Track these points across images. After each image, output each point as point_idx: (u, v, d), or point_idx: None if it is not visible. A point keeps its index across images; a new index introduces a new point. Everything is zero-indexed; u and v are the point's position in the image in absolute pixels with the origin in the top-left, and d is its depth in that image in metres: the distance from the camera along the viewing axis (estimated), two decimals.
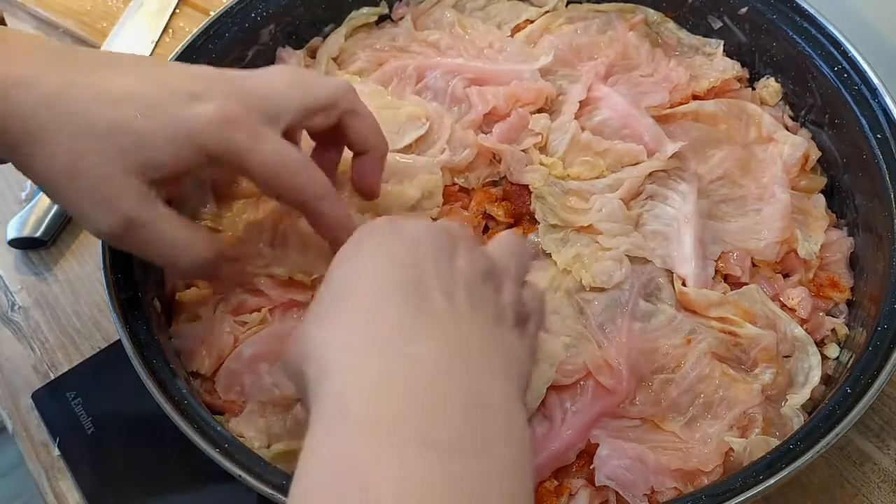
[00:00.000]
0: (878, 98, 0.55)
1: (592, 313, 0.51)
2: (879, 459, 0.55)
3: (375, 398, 0.31)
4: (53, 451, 0.58)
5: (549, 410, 0.48)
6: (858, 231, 0.57)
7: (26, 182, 0.73)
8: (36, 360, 0.63)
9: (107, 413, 0.59)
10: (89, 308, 0.65)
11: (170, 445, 0.55)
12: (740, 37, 0.65)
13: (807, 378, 0.51)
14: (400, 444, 0.29)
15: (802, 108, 0.62)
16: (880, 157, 0.54)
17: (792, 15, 0.61)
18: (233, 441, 0.46)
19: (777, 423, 0.49)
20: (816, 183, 0.60)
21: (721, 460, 0.46)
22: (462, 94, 0.61)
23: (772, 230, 0.55)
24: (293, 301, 0.52)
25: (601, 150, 0.58)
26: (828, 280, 0.56)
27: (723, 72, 0.64)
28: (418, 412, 0.30)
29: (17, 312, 0.66)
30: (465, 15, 0.68)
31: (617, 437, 0.47)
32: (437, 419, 0.30)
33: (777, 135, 0.60)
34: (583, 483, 0.47)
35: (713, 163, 0.59)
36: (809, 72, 0.60)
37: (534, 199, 0.56)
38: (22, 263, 0.68)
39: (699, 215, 0.55)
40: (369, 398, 0.31)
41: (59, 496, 0.57)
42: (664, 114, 0.60)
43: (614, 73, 0.63)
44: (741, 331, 0.51)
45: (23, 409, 0.61)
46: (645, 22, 0.67)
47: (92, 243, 0.69)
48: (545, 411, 0.48)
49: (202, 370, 0.51)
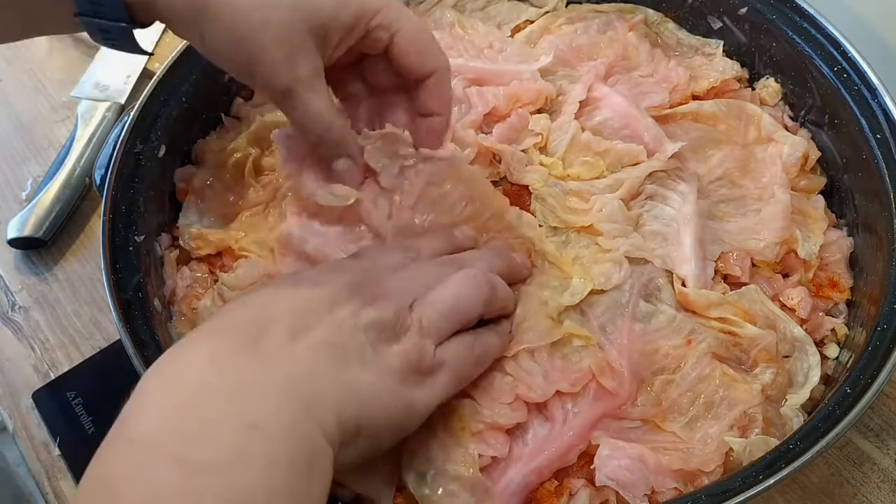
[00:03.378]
0: (877, 98, 0.55)
1: (593, 315, 0.51)
2: (879, 459, 0.55)
3: (149, 419, 0.33)
4: (53, 450, 0.58)
5: (551, 411, 0.48)
6: (858, 231, 0.57)
7: (27, 182, 0.73)
8: (36, 360, 0.63)
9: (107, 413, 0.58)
10: (89, 308, 0.65)
11: None
12: (740, 37, 0.65)
13: (806, 378, 0.51)
14: (154, 460, 0.31)
15: (802, 108, 0.62)
16: (880, 157, 0.54)
17: (792, 15, 0.61)
18: None
19: (777, 422, 0.49)
20: (816, 183, 0.60)
21: (721, 460, 0.46)
22: (462, 94, 0.61)
23: (771, 230, 0.55)
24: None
25: (601, 151, 0.58)
26: (827, 280, 0.56)
27: (722, 72, 0.64)
28: (182, 431, 0.32)
29: (17, 312, 0.66)
30: (465, 15, 0.68)
31: (617, 438, 0.47)
32: (198, 439, 0.32)
33: (777, 135, 0.60)
34: (583, 483, 0.47)
35: (713, 163, 0.59)
36: (809, 72, 0.60)
37: (534, 200, 0.56)
38: (22, 263, 0.68)
39: (699, 215, 0.55)
40: (145, 419, 0.33)
41: (59, 496, 0.57)
42: (664, 114, 0.60)
43: (614, 74, 0.63)
44: (741, 331, 0.51)
45: (23, 408, 0.61)
46: (645, 22, 0.67)
47: (92, 243, 0.69)
48: (546, 412, 0.48)
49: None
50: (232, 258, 0.56)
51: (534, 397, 0.47)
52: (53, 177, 0.70)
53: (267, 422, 0.34)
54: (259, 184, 0.58)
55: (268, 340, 0.37)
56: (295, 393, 0.36)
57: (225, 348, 0.37)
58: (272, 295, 0.41)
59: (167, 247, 0.58)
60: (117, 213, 0.54)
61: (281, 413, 0.35)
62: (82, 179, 0.71)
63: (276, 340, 0.38)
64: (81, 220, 0.71)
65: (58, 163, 0.71)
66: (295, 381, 0.36)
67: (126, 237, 0.53)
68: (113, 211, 0.53)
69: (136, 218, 0.54)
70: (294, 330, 0.39)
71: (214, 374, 0.35)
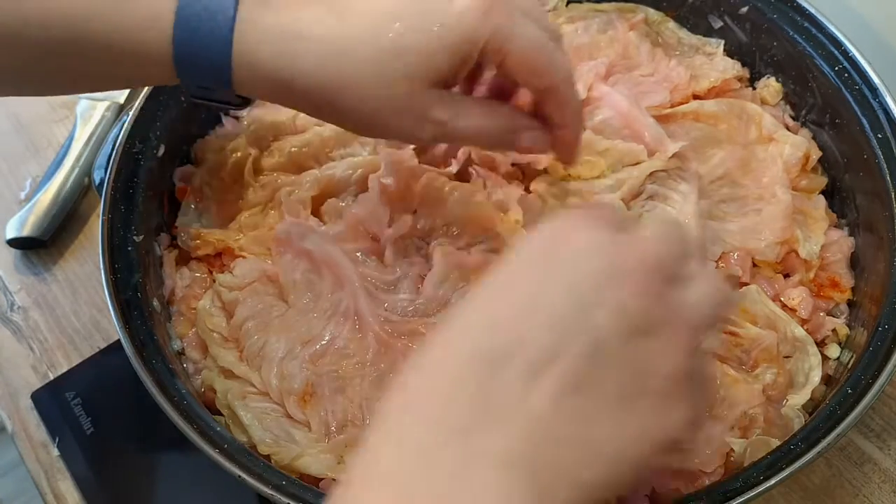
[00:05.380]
0: (878, 98, 0.55)
1: None
2: (880, 460, 0.55)
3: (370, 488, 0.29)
4: (53, 451, 0.58)
5: None
6: (859, 231, 0.57)
7: (26, 182, 0.73)
8: (35, 360, 0.63)
9: (106, 413, 0.59)
10: (89, 308, 0.65)
11: (169, 446, 0.55)
12: (741, 36, 0.65)
13: (807, 378, 0.51)
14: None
15: (803, 107, 0.62)
16: (881, 156, 0.54)
17: (792, 14, 0.60)
18: (233, 441, 0.46)
19: (778, 423, 0.49)
20: (817, 183, 0.60)
21: (722, 461, 0.46)
22: None
23: (772, 230, 0.55)
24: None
25: (602, 150, 0.58)
26: (828, 280, 0.56)
27: (723, 71, 0.64)
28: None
29: (16, 312, 0.65)
30: None
31: None
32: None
33: (778, 135, 0.59)
34: None
35: (714, 163, 0.58)
36: (810, 71, 0.60)
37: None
38: (21, 263, 0.68)
39: (700, 215, 0.55)
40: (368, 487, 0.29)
41: (59, 496, 0.57)
42: (665, 113, 0.60)
43: (615, 73, 0.63)
44: (742, 331, 0.51)
45: (22, 409, 0.60)
46: (645, 21, 0.67)
47: (92, 243, 0.69)
48: None
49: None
50: (231, 258, 0.56)
51: None
52: (52, 176, 0.69)
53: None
54: (258, 184, 0.58)
55: (498, 385, 0.29)
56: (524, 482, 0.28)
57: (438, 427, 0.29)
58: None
59: (166, 247, 0.58)
60: (116, 212, 0.53)
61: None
62: (81, 179, 0.70)
63: (509, 389, 0.29)
64: (80, 220, 0.71)
65: (57, 162, 0.71)
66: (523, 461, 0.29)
67: (125, 237, 0.53)
68: (112, 211, 0.53)
69: (135, 218, 0.54)
70: (533, 371, 0.29)
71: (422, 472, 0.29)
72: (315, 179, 0.57)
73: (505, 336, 0.30)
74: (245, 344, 0.51)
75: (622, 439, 0.30)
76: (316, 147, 0.59)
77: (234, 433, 0.48)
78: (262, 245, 0.55)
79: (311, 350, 0.50)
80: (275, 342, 0.51)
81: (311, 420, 0.48)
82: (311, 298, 0.52)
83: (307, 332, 0.51)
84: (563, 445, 0.29)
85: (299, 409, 0.49)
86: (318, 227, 0.54)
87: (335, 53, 0.41)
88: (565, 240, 0.33)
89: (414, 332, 0.50)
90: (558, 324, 0.30)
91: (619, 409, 0.30)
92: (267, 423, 0.48)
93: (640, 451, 0.30)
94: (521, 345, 0.30)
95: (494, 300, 0.33)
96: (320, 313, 0.51)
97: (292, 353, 0.50)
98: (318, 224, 0.55)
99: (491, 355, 0.30)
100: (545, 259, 0.33)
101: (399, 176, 0.54)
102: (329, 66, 0.42)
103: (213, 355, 0.52)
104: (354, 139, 0.59)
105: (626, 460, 0.30)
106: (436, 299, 0.51)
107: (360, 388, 0.49)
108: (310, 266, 0.53)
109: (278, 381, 0.49)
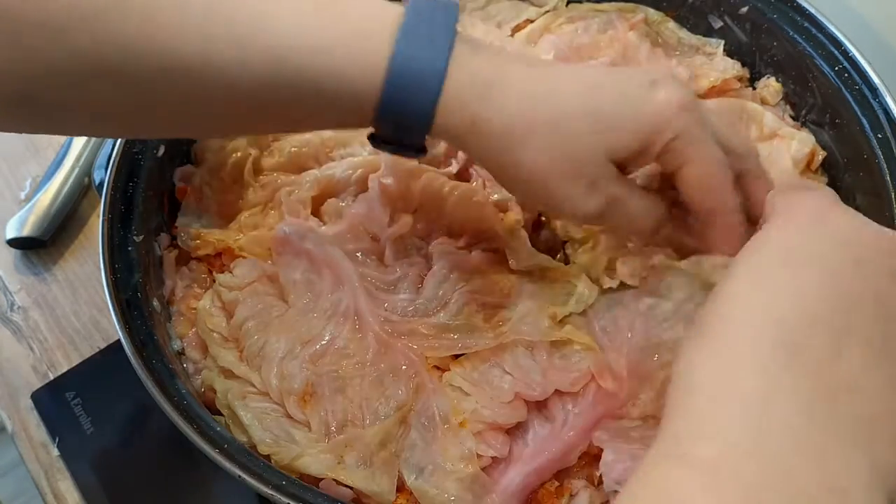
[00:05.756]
0: (878, 98, 0.55)
1: (594, 316, 0.50)
2: None
3: (714, 449, 0.30)
4: (53, 451, 0.58)
5: (551, 412, 0.48)
6: None
7: (26, 182, 0.73)
8: (35, 360, 0.63)
9: (106, 413, 0.59)
10: (89, 308, 0.65)
11: (169, 445, 0.56)
12: (741, 36, 0.65)
13: None
14: (728, 495, 0.28)
15: (803, 107, 0.62)
16: (881, 156, 0.54)
17: (792, 14, 0.60)
18: (233, 441, 0.46)
19: None
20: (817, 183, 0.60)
21: None
22: None
23: None
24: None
25: None
26: None
27: (723, 71, 0.63)
28: (759, 485, 0.28)
29: (16, 312, 0.66)
30: (464, 14, 0.68)
31: (620, 439, 0.47)
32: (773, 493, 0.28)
33: (781, 131, 0.59)
34: (584, 484, 0.46)
35: None
36: (810, 71, 0.60)
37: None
38: (21, 263, 0.68)
39: None
40: (710, 446, 0.30)
41: (59, 496, 0.57)
42: None
43: None
44: None
45: (22, 409, 0.60)
46: (645, 21, 0.67)
47: (91, 243, 0.69)
48: (546, 413, 0.48)
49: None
50: (231, 258, 0.56)
51: (534, 395, 0.47)
52: (52, 176, 0.69)
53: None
54: (258, 184, 0.58)
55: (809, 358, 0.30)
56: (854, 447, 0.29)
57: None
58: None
59: (166, 247, 0.57)
60: (116, 212, 0.53)
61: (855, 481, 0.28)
62: (81, 179, 0.70)
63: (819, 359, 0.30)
64: (80, 220, 0.71)
65: (57, 162, 0.71)
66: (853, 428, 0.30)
67: (125, 237, 0.53)
68: (112, 211, 0.53)
69: (135, 218, 0.54)
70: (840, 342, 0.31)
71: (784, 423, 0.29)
72: (315, 179, 0.57)
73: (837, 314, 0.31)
74: (245, 344, 0.51)
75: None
76: (316, 147, 0.59)
77: (234, 433, 0.48)
78: (262, 245, 0.55)
79: (311, 350, 0.50)
80: (275, 342, 0.51)
81: (311, 420, 0.48)
82: (310, 298, 0.52)
83: (307, 332, 0.51)
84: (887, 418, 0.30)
85: (299, 409, 0.49)
86: (317, 227, 0.54)
87: (543, 95, 0.41)
88: (825, 220, 0.35)
89: (414, 332, 0.50)
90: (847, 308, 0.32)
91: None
92: (267, 423, 0.48)
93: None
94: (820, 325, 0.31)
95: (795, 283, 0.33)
96: (320, 313, 0.51)
97: (292, 353, 0.50)
98: (318, 224, 0.55)
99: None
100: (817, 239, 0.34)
101: (399, 176, 0.54)
102: (525, 106, 0.40)
103: (213, 355, 0.52)
104: (354, 139, 0.59)
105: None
106: (436, 299, 0.51)
107: (360, 388, 0.49)
108: (310, 266, 0.53)
109: (278, 381, 0.49)
